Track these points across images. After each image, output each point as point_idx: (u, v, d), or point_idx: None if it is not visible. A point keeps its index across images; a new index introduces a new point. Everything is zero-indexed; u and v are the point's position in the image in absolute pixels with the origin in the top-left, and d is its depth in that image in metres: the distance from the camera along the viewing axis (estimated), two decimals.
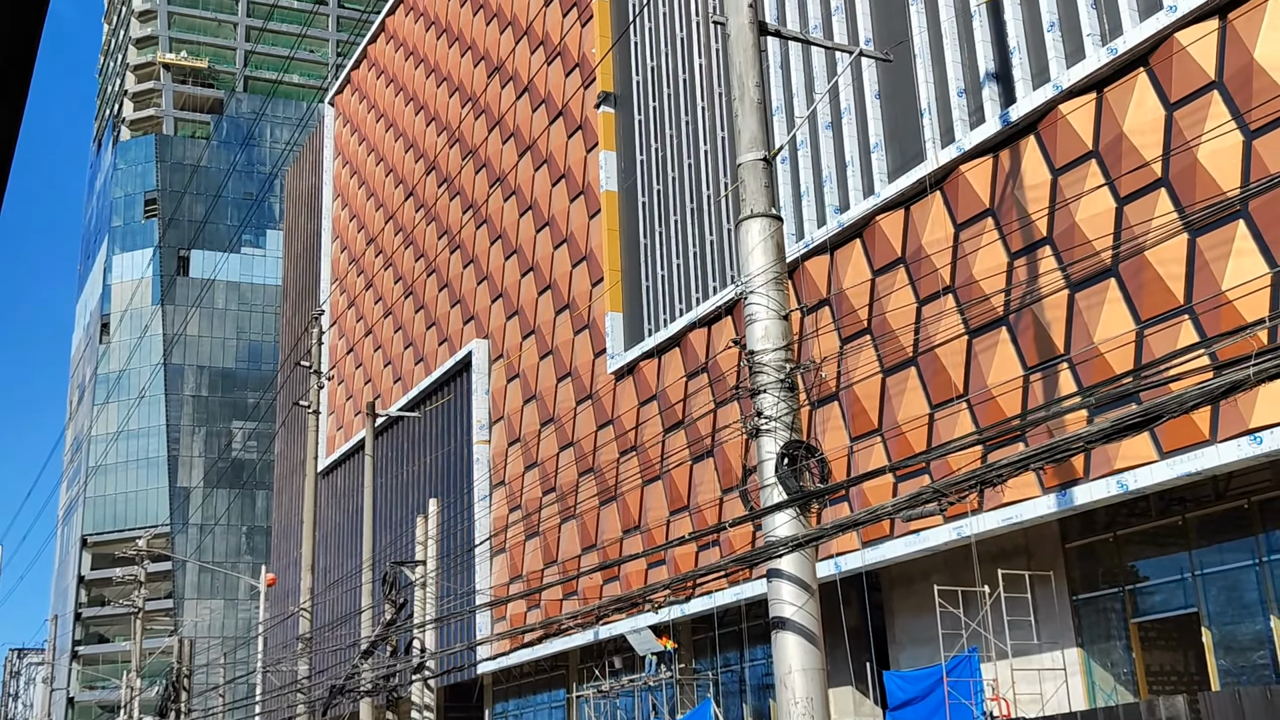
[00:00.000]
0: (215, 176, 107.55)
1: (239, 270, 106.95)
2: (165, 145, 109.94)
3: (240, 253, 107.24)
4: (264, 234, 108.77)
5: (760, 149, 15.62)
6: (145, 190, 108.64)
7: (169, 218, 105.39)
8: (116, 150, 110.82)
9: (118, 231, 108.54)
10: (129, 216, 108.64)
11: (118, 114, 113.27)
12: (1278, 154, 16.42)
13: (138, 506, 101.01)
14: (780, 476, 14.17)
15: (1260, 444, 16.20)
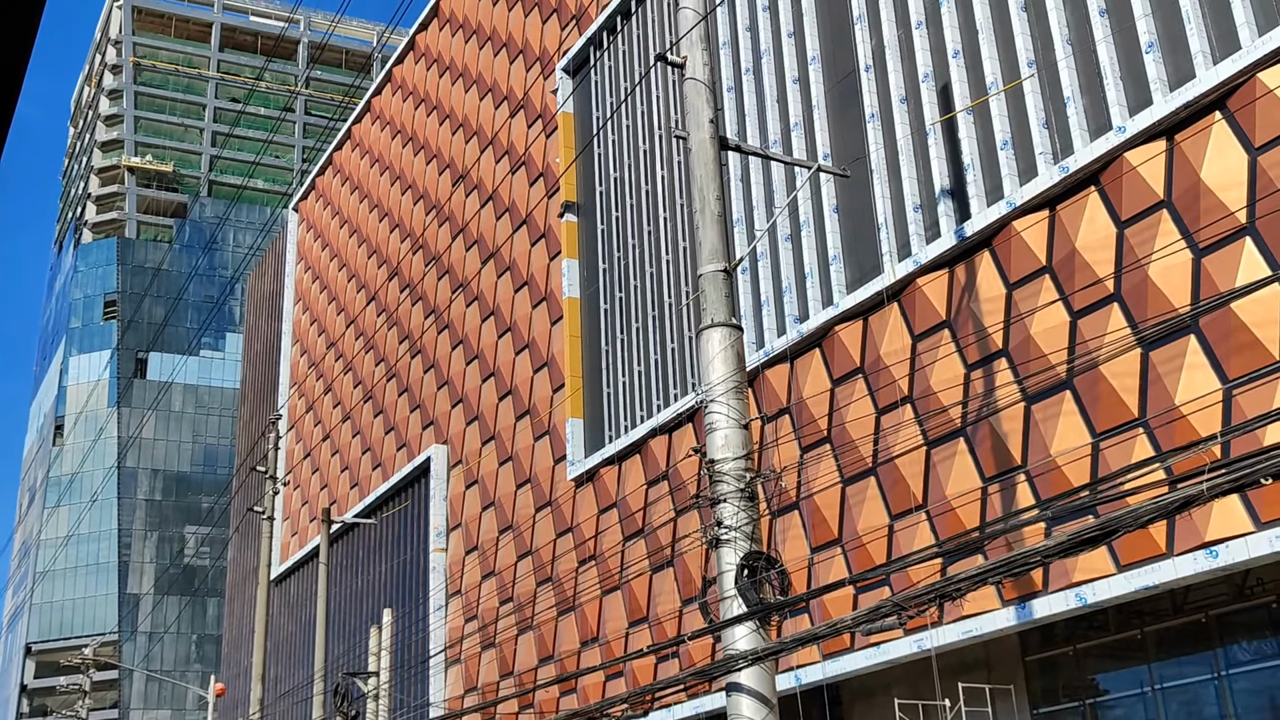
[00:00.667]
0: (176, 280, 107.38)
1: (197, 373, 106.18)
2: (127, 248, 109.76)
3: (199, 355, 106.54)
4: (223, 337, 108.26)
5: (721, 260, 15.79)
6: (105, 292, 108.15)
7: (128, 320, 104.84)
8: (78, 252, 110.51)
9: (76, 333, 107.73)
10: (88, 318, 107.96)
11: (80, 216, 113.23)
12: (1226, 271, 16.77)
13: (85, 613, 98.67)
14: (740, 588, 14.05)
15: (1216, 558, 16.26)
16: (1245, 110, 16.92)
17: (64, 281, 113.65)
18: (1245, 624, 17.90)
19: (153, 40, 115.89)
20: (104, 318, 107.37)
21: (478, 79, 41.70)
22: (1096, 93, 19.43)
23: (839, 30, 25.18)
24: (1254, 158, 16.77)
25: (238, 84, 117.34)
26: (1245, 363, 16.25)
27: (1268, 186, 16.44)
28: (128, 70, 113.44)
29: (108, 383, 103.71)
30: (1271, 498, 15.51)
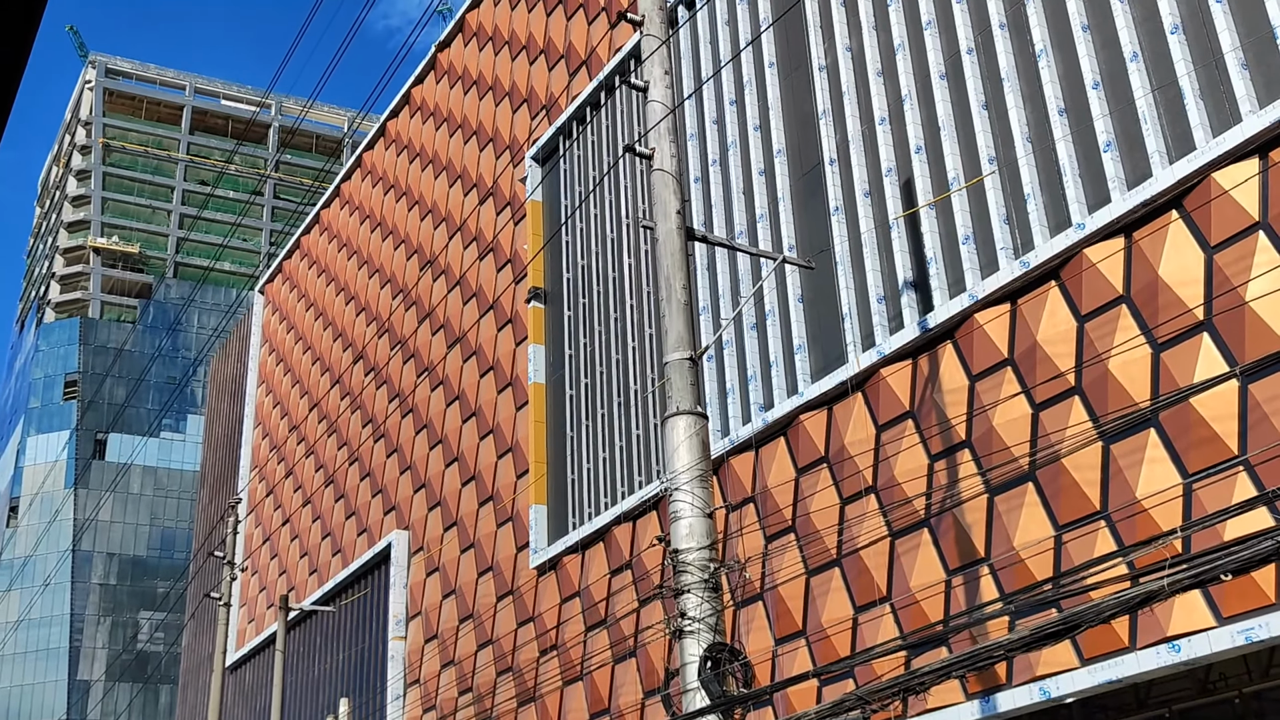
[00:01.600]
0: (139, 360, 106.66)
1: (156, 455, 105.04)
2: (90, 328, 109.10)
3: (159, 437, 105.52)
4: (184, 419, 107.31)
5: (687, 349, 15.84)
6: (66, 372, 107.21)
7: (88, 400, 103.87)
8: (40, 331, 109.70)
9: (35, 413, 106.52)
10: (47, 398, 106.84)
11: (44, 295, 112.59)
12: (1185, 366, 16.98)
13: (34, 700, 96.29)
14: (703, 681, 13.90)
15: (1179, 652, 16.25)
16: (1201, 209, 17.27)
17: (24, 360, 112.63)
18: (1208, 719, 17.84)
19: (123, 122, 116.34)
20: (64, 398, 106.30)
21: (447, 166, 42.03)
22: (1056, 190, 19.78)
23: (804, 124, 25.60)
24: (1210, 255, 17.07)
25: (207, 166, 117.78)
26: (1204, 457, 16.39)
27: (1224, 284, 16.73)
28: (97, 151, 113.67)
29: (65, 463, 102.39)
30: (1233, 593, 15.56)
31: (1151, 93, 18.52)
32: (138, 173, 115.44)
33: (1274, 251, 16.24)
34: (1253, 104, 17.02)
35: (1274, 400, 15.78)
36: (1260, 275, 16.20)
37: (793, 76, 26.23)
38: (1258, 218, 16.56)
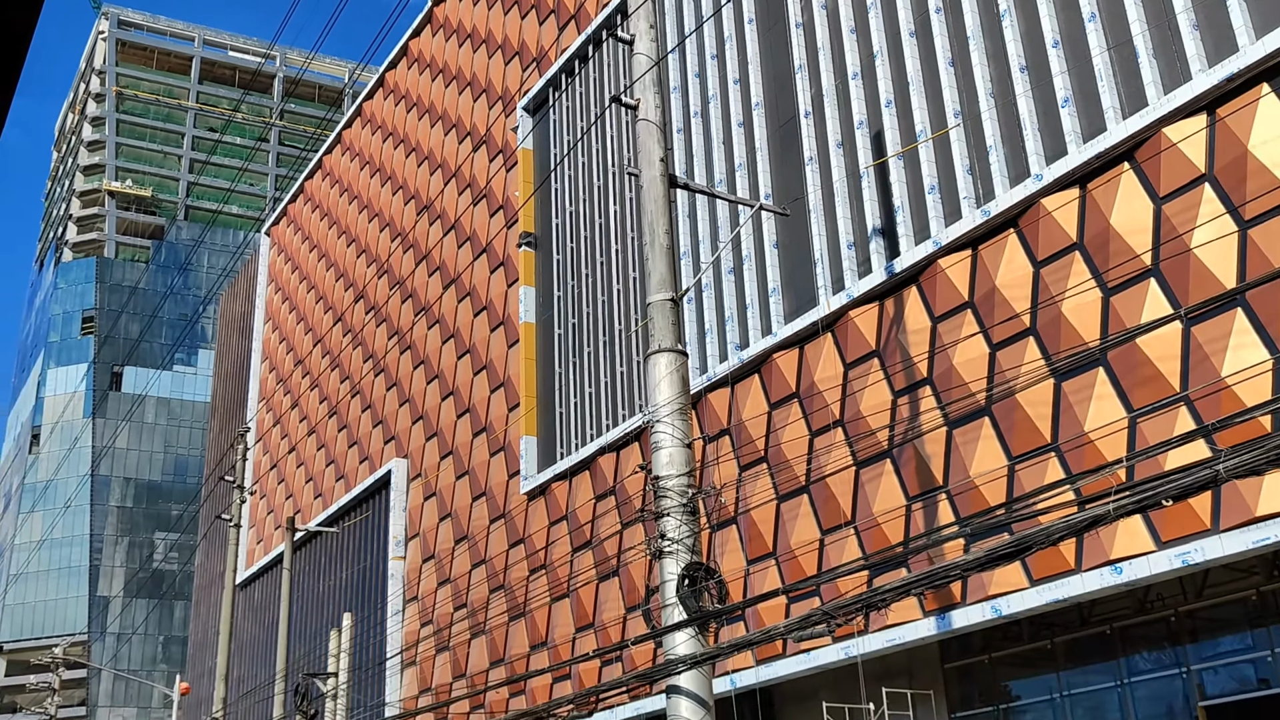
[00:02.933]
0: (151, 298, 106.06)
1: (170, 387, 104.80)
2: (105, 267, 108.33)
3: (172, 370, 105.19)
4: (196, 353, 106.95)
5: (669, 290, 15.82)
6: (83, 309, 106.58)
7: (105, 335, 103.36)
8: (58, 270, 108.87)
9: (54, 347, 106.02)
10: (66, 333, 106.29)
11: (61, 236, 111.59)
12: (1132, 309, 17.05)
13: (56, 615, 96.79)
14: (681, 597, 14.04)
15: (1120, 574, 16.47)
16: (1151, 162, 17.26)
17: (44, 298, 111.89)
18: (1146, 636, 18.13)
19: (135, 71, 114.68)
20: (81, 333, 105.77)
21: (443, 115, 41.62)
22: (1016, 142, 19.73)
23: (781, 79, 25.41)
24: (1159, 206, 17.09)
25: (215, 114, 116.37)
26: (1149, 394, 16.51)
27: (1170, 232, 16.76)
28: (110, 99, 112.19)
29: (84, 395, 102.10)
30: (1172, 519, 15.75)
31: (1107, 51, 18.42)
32: (150, 120, 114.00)
33: (1218, 203, 16.27)
34: (1202, 63, 16.96)
35: (1214, 341, 15.88)
36: (1204, 224, 16.23)
37: (770, 33, 25.98)
38: (1204, 170, 16.56)
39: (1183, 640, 17.58)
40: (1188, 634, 17.57)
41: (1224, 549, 15.30)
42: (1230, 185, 16.15)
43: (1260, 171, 15.78)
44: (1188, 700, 17.37)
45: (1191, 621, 17.58)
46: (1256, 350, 15.31)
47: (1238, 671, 17.03)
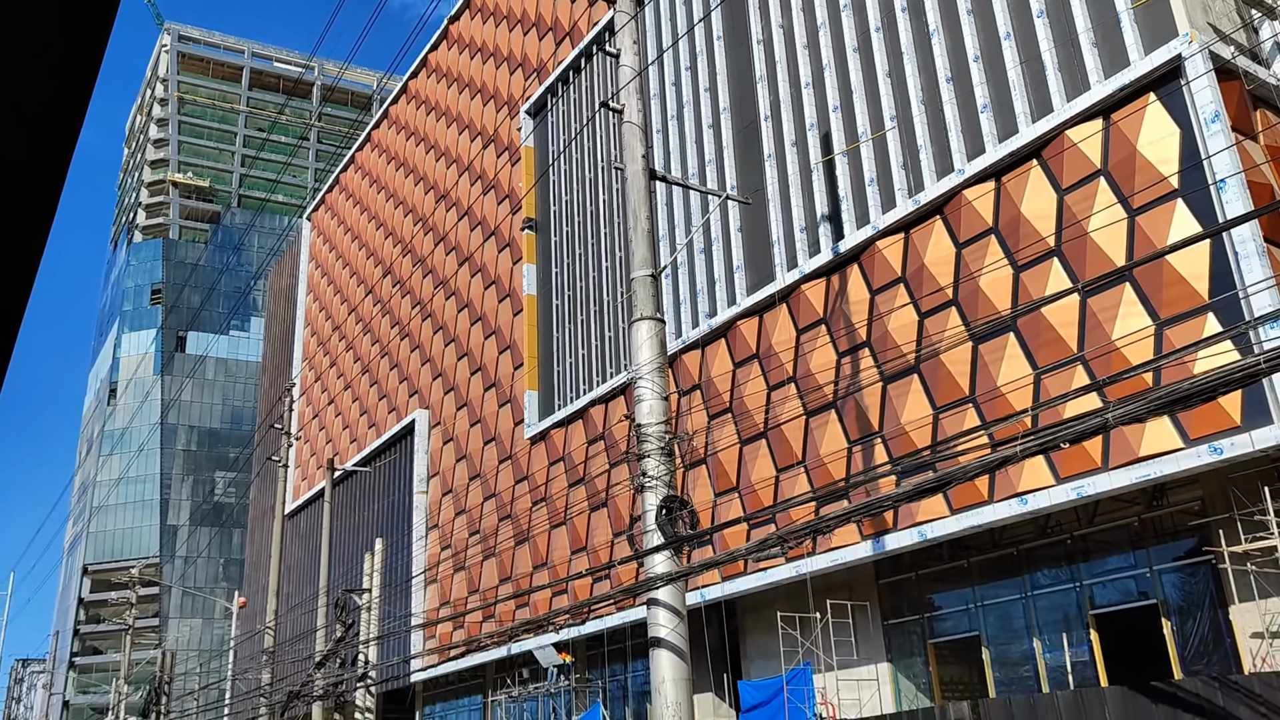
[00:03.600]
0: (210, 274, 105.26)
1: (226, 349, 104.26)
2: (170, 247, 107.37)
3: (228, 335, 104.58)
4: (248, 320, 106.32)
5: (649, 267, 15.77)
6: (152, 283, 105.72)
7: (170, 305, 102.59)
8: (130, 250, 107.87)
9: (127, 315, 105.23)
10: (138, 303, 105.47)
11: (132, 221, 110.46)
12: (1039, 283, 17.09)
13: (133, 541, 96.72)
14: (659, 524, 14.11)
15: (1026, 504, 16.61)
16: (1056, 159, 17.24)
17: (118, 273, 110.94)
18: (1046, 556, 18.32)
19: (194, 79, 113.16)
20: (151, 303, 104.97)
21: (457, 118, 41.21)
22: (943, 142, 19.67)
23: (744, 87, 25.23)
24: (1061, 196, 17.09)
25: (263, 116, 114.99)
26: (1051, 354, 16.59)
27: (1071, 219, 16.77)
28: (173, 103, 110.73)
29: (153, 356, 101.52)
30: (1069, 459, 15.88)
31: (1019, 65, 18.34)
32: (207, 121, 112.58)
33: (1111, 194, 16.27)
34: (1099, 75, 16.91)
35: (1106, 310, 15.94)
36: (1100, 212, 16.25)
37: (736, 48, 25.76)
38: (1099, 166, 16.55)
39: (1076, 560, 17.77)
40: (1081, 555, 17.76)
41: (1112, 483, 15.44)
42: (1121, 179, 16.15)
43: (1147, 168, 15.78)
44: (1080, 610, 17.58)
45: (1084, 544, 17.77)
46: (1141, 318, 15.39)
47: (1122, 585, 17.24)
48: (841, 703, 19.70)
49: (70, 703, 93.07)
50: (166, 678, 40.38)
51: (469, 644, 27.43)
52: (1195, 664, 15.76)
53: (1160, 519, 16.75)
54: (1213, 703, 11.23)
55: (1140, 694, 11.48)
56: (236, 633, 46.16)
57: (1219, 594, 15.59)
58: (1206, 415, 14.19)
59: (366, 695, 25.53)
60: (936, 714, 12.07)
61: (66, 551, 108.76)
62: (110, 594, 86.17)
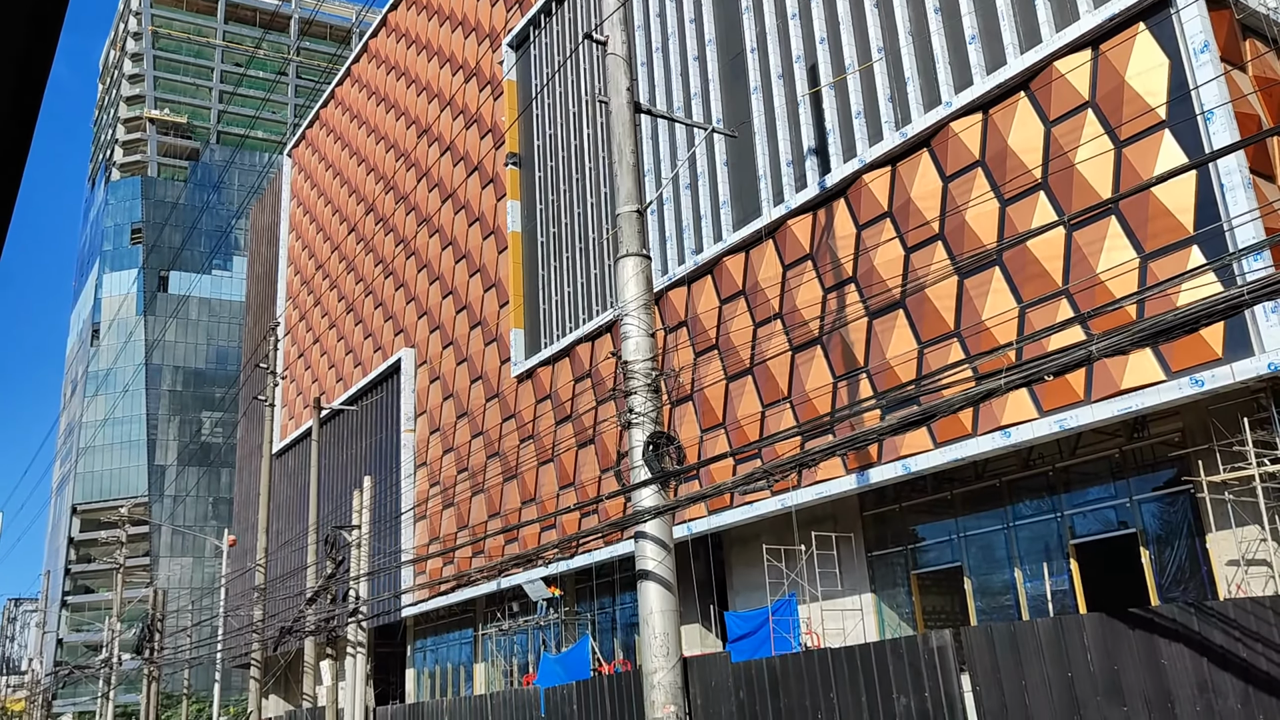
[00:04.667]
0: (191, 212, 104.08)
1: (209, 288, 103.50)
2: (149, 185, 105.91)
3: (211, 274, 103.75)
4: (230, 259, 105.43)
5: (635, 203, 15.66)
6: (132, 222, 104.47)
7: (151, 245, 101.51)
8: (108, 188, 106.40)
9: (108, 254, 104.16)
10: (118, 242, 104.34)
11: (109, 158, 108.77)
12: (1025, 217, 17.06)
13: (121, 480, 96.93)
14: (646, 459, 14.21)
15: (1009, 437, 16.79)
16: (1044, 90, 17.10)
17: (97, 212, 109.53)
18: (1028, 488, 18.57)
19: (168, 13, 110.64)
20: (131, 242, 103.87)
21: (438, 51, 40.50)
22: (930, 74, 19.47)
23: (730, 18, 24.84)
24: (1049, 128, 16.99)
25: (240, 51, 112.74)
26: (1036, 288, 16.63)
27: (1058, 151, 16.70)
28: (147, 37, 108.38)
29: (135, 295, 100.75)
30: (1052, 392, 16.01)
31: None
32: (183, 55, 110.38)
33: (1099, 125, 16.18)
34: (1089, 4, 16.70)
35: (1092, 244, 15.95)
36: (1087, 143, 16.17)
37: None
38: (1087, 98, 16.43)
39: (1058, 491, 18.02)
40: (1062, 486, 18.01)
41: (1094, 416, 15.60)
42: (1109, 110, 16.05)
43: (1135, 99, 15.67)
44: (1060, 540, 17.88)
45: (1065, 476, 18.00)
46: (1127, 252, 15.41)
47: (1102, 515, 17.51)
48: (826, 632, 20.06)
49: (64, 640, 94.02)
50: (159, 615, 40.79)
51: (459, 579, 27.74)
52: (1172, 591, 16.09)
53: (1141, 451, 16.95)
54: (1188, 628, 11.48)
55: (1118, 620, 11.73)
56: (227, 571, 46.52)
57: (1197, 523, 15.86)
58: (1188, 348, 14.30)
59: (358, 630, 25.85)
60: (919, 641, 12.32)
61: (55, 492, 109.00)
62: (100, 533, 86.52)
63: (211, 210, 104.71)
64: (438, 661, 37.38)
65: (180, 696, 48.46)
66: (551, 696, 18.51)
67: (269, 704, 45.01)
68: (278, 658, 42.19)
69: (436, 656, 37.52)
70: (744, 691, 14.26)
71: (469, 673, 34.84)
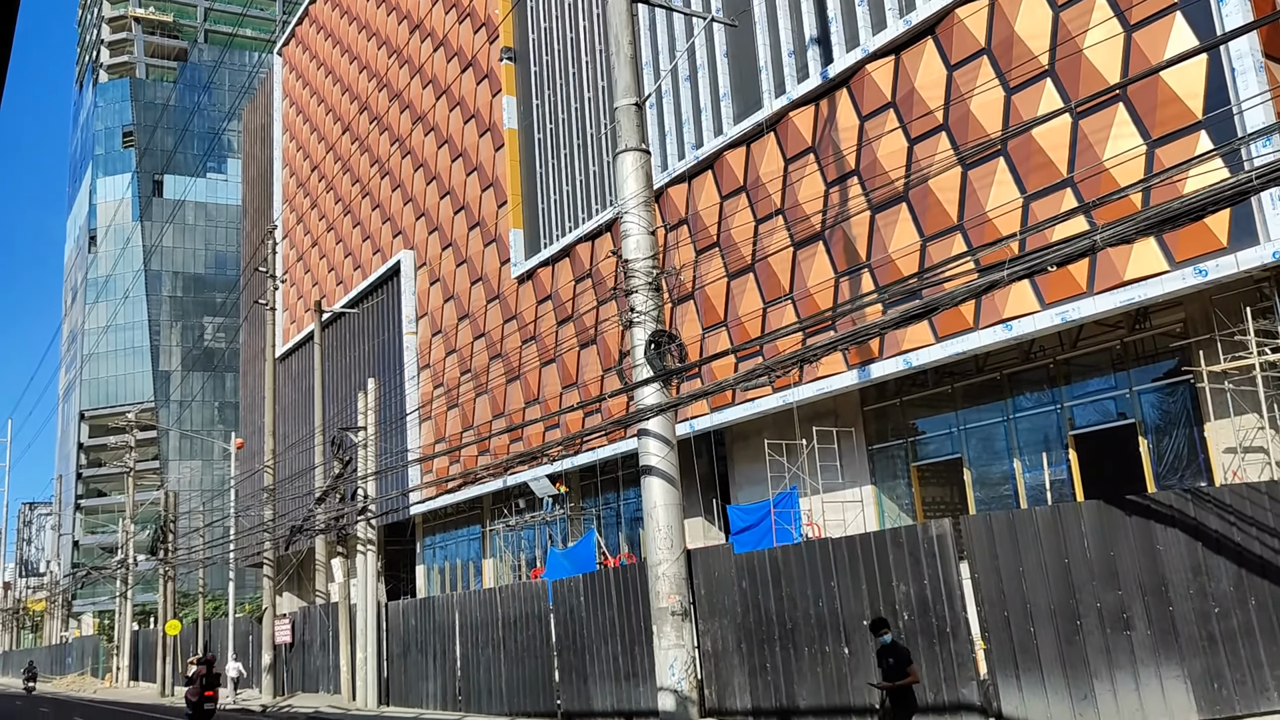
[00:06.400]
0: (182, 114, 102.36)
1: (205, 192, 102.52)
2: (138, 87, 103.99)
3: (206, 178, 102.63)
4: (225, 162, 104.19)
5: (633, 96, 15.37)
6: (123, 125, 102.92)
7: (144, 148, 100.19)
8: (96, 90, 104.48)
9: (100, 159, 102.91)
10: (109, 146, 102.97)
11: (96, 60, 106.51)
12: (1030, 106, 16.75)
13: (126, 386, 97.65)
14: (648, 358, 14.26)
15: (1011, 330, 16.80)
16: None
17: (86, 115, 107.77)
18: (1028, 380, 18.67)
19: None
20: (123, 146, 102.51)
21: None
22: None
23: None
24: (1057, 14, 16.54)
25: None
26: (1041, 179, 16.43)
27: (1065, 36, 16.29)
28: None
29: (130, 201, 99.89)
30: (1055, 283, 15.96)
31: None
32: None
33: (1108, 8, 15.75)
34: None
35: (1098, 132, 15.70)
36: (1095, 28, 15.77)
37: None
38: None
39: (1058, 383, 18.12)
40: (1063, 378, 18.10)
41: (1096, 308, 15.59)
42: None
43: None
44: (1060, 431, 18.05)
45: (1066, 368, 18.08)
46: (1134, 139, 15.17)
47: (1101, 406, 17.64)
48: (827, 524, 20.42)
49: (80, 543, 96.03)
50: (171, 517, 41.55)
51: (465, 477, 28.15)
52: (1169, 480, 16.31)
53: (1142, 342, 16.98)
54: (1184, 514, 11.67)
55: (1115, 507, 11.92)
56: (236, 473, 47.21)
57: (1195, 413, 15.99)
58: (1193, 236, 14.19)
59: (367, 528, 26.35)
60: (919, 530, 12.54)
61: (62, 398, 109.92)
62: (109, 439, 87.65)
63: (202, 112, 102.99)
64: (447, 558, 38.20)
65: (196, 595, 49.67)
66: (559, 589, 18.96)
67: (283, 601, 46.20)
68: (290, 556, 43.14)
69: (445, 553, 38.32)
70: (746, 581, 14.58)
71: (478, 568, 35.63)
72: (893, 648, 10.09)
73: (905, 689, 9.85)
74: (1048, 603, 11.76)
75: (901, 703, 9.84)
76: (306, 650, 32.14)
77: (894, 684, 9.78)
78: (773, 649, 14.12)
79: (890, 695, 9.80)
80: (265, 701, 29.90)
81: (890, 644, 10.10)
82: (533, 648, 19.66)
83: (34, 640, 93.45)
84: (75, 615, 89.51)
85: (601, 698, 17.47)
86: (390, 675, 25.65)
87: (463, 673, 22.16)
